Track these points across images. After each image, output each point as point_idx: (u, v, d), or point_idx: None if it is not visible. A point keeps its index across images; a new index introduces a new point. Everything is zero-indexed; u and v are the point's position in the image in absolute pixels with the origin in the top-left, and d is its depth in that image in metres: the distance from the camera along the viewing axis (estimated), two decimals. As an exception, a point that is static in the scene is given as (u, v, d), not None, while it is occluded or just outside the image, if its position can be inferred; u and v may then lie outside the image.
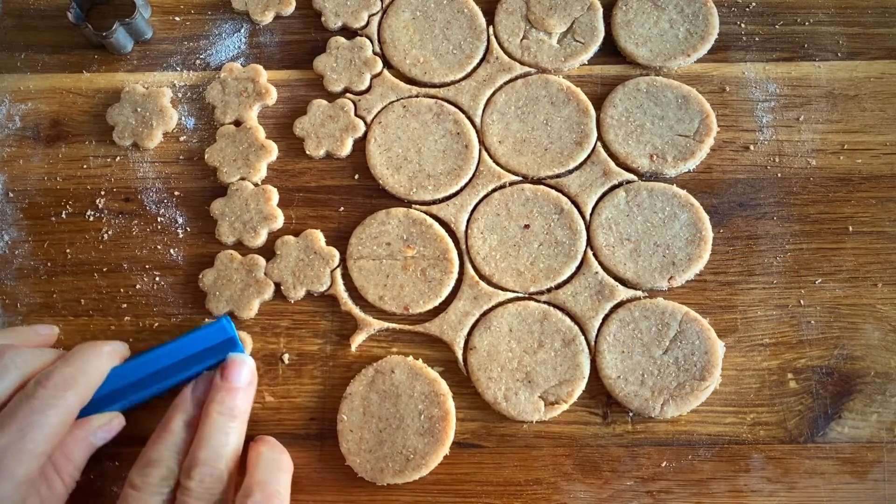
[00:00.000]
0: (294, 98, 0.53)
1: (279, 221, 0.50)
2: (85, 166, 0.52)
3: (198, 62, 0.54)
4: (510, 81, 0.53)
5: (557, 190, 0.50)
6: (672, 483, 0.45)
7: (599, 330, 0.47)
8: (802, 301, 0.48)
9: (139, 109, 0.52)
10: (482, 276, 0.49)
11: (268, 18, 0.55)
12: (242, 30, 0.55)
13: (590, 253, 0.49)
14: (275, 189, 0.50)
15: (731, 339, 0.47)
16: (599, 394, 0.47)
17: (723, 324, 0.48)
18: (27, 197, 0.51)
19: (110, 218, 0.51)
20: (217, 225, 0.50)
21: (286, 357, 0.48)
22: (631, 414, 0.46)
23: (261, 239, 0.50)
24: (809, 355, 0.47)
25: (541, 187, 0.50)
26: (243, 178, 0.51)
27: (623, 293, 0.48)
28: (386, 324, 0.48)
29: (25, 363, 0.40)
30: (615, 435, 0.46)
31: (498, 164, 0.51)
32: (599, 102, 0.52)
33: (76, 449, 0.40)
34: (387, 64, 0.54)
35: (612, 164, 0.51)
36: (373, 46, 0.54)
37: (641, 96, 0.52)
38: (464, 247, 0.49)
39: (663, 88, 0.52)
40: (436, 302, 0.48)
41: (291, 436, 0.46)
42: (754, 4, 0.55)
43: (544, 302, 0.48)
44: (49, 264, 0.50)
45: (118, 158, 0.52)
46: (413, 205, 0.51)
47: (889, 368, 0.47)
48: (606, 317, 0.48)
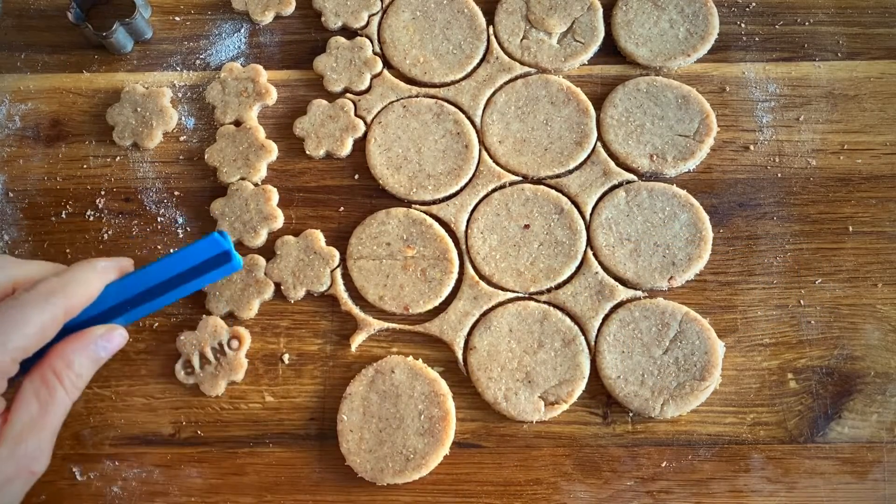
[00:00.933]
0: (294, 98, 0.53)
1: (279, 221, 0.50)
2: (85, 166, 0.52)
3: (198, 62, 0.54)
4: (510, 81, 0.53)
5: (557, 190, 0.50)
6: (672, 483, 0.45)
7: (599, 330, 0.47)
8: (802, 301, 0.48)
9: (139, 109, 0.52)
10: (482, 276, 0.49)
11: (268, 18, 0.55)
12: (242, 30, 0.55)
13: (590, 253, 0.49)
14: (275, 189, 0.50)
15: (731, 339, 0.47)
16: (599, 394, 0.47)
17: (723, 324, 0.48)
18: (27, 197, 0.51)
19: (110, 218, 0.51)
20: (217, 225, 0.50)
21: (286, 357, 0.48)
22: (631, 414, 0.46)
23: (261, 239, 0.50)
24: (809, 355, 0.47)
25: (541, 187, 0.50)
26: (243, 178, 0.51)
27: (623, 293, 0.48)
28: (386, 324, 0.48)
29: (14, 269, 0.39)
30: (615, 435, 0.46)
31: (498, 164, 0.51)
32: (599, 102, 0.52)
33: (76, 357, 0.39)
34: (387, 64, 0.54)
35: (612, 164, 0.51)
36: (373, 46, 0.54)
37: (641, 96, 0.52)
38: (464, 247, 0.49)
39: (663, 88, 0.52)
40: (436, 302, 0.48)
41: (291, 436, 0.46)
42: (754, 4, 0.55)
43: (544, 302, 0.48)
44: (49, 264, 0.50)
45: (118, 158, 0.52)
46: (413, 205, 0.51)
47: (889, 368, 0.47)
48: (606, 317, 0.48)
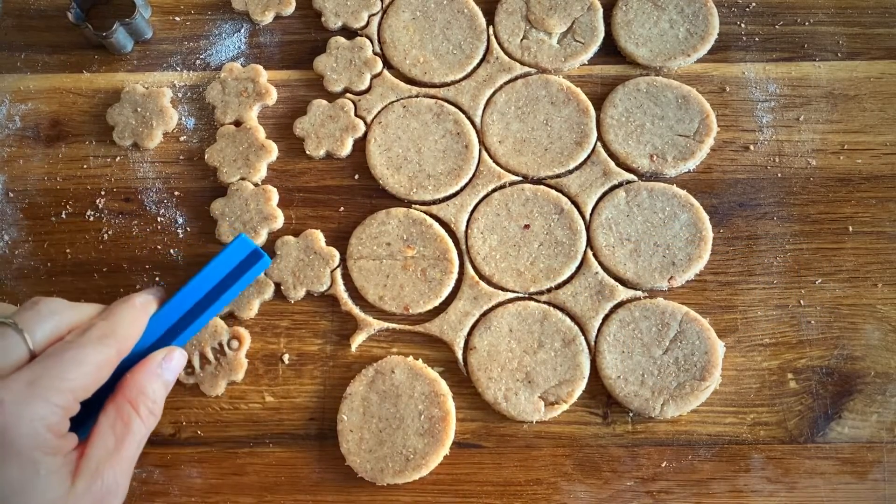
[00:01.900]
0: (294, 98, 0.53)
1: (279, 221, 0.50)
2: (85, 166, 0.52)
3: (198, 62, 0.54)
4: (510, 81, 0.53)
5: (557, 190, 0.50)
6: (672, 483, 0.45)
7: (599, 330, 0.47)
8: (802, 301, 0.48)
9: (139, 109, 0.52)
10: (482, 276, 0.49)
11: (268, 18, 0.55)
12: (242, 30, 0.55)
13: (590, 253, 0.49)
14: (275, 189, 0.50)
15: (731, 339, 0.47)
16: (599, 394, 0.47)
17: (723, 324, 0.48)
18: (27, 197, 0.51)
19: (110, 218, 0.51)
20: (217, 225, 0.50)
21: (286, 357, 0.48)
22: (631, 414, 0.46)
23: (261, 239, 0.50)
24: (809, 355, 0.47)
25: (541, 187, 0.50)
26: (243, 178, 0.51)
27: (623, 293, 0.48)
28: (386, 324, 0.48)
29: (63, 313, 0.40)
30: (615, 435, 0.46)
31: (498, 164, 0.51)
32: (599, 102, 0.52)
33: (147, 383, 0.40)
34: (387, 64, 0.54)
35: (612, 164, 0.51)
36: (373, 46, 0.54)
37: (641, 96, 0.52)
38: (464, 247, 0.49)
39: (663, 88, 0.52)
40: (436, 302, 0.48)
41: (291, 436, 0.46)
42: (754, 4, 0.55)
43: (544, 302, 0.48)
44: (49, 264, 0.50)
45: (118, 158, 0.52)
46: (413, 205, 0.51)
47: (889, 368, 0.47)
48: (606, 317, 0.48)
